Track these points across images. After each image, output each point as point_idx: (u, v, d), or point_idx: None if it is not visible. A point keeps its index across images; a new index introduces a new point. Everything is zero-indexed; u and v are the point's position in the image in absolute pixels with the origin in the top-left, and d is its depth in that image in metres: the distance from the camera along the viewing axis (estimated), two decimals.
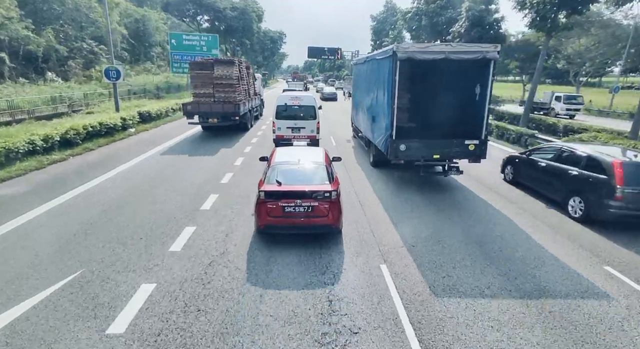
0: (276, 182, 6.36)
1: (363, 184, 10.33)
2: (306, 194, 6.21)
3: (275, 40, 75.05)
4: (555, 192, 8.90)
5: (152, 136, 16.83)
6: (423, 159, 9.51)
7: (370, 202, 8.78)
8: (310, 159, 7.16)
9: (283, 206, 6.20)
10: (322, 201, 6.22)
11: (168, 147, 14.63)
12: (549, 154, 9.41)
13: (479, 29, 21.54)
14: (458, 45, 9.25)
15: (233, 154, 13.85)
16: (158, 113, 20.45)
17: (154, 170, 11.35)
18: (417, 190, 9.80)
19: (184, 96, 31.01)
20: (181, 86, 42.92)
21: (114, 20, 53.77)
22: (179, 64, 39.07)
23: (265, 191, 6.26)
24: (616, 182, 7.20)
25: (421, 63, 8.96)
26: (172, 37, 38.84)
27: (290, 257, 6.10)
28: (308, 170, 6.87)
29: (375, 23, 53.78)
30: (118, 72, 18.32)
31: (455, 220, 7.83)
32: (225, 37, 47.95)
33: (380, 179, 10.79)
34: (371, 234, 7.08)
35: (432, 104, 11.02)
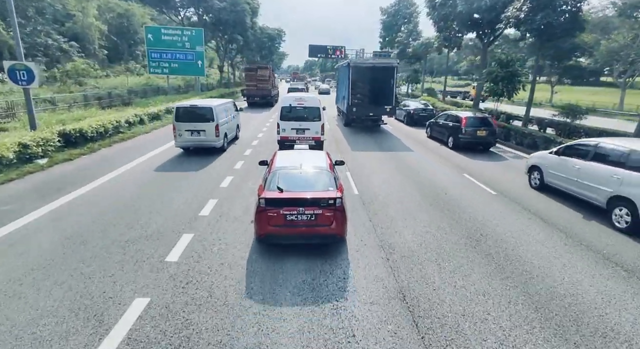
0: (277, 189, 6.00)
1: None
2: (309, 202, 5.84)
3: (273, 38, 69.10)
4: None
5: (72, 173, 10.83)
6: (364, 116, 20.23)
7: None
8: (312, 163, 6.82)
9: (285, 214, 5.82)
10: (326, 209, 5.84)
11: (76, 198, 8.63)
12: None
13: (549, 11, 15.50)
14: (380, 59, 26.01)
15: None
16: (99, 131, 14.41)
17: None
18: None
19: (159, 102, 25.01)
20: (161, 89, 36.88)
21: (91, 14, 48.07)
22: (157, 63, 33.10)
23: (266, 199, 5.86)
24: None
25: (363, 69, 19.73)
26: (149, 32, 32.85)
27: None
28: (311, 175, 6.52)
29: (385, 16, 47.79)
30: (30, 74, 12.38)
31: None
32: (214, 32, 41.86)
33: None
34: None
35: (368, 89, 19.88)
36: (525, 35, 18.77)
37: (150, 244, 6.36)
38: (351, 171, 11.46)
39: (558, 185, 9.59)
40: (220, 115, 13.42)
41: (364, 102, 19.79)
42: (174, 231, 6.90)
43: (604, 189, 8.02)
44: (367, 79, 19.67)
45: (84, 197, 8.63)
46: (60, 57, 37.48)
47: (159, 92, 35.94)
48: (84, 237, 6.56)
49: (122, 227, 7.03)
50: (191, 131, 12.76)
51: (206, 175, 10.68)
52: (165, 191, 9.19)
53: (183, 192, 9.12)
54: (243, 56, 66.11)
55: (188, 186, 9.58)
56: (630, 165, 7.54)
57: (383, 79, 19.45)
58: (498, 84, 20.13)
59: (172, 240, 6.52)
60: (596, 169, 8.32)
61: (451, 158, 14.04)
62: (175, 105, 13.43)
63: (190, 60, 33.45)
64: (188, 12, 42.04)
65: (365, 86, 19.76)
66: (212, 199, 8.62)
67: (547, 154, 10.23)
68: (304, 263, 5.86)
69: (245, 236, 6.72)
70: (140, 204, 8.19)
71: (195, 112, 12.87)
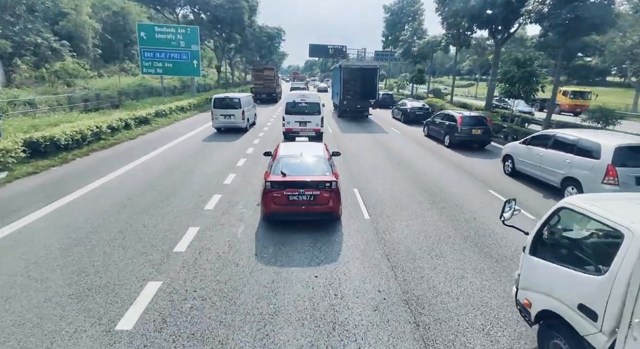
0: (281, 174, 6.92)
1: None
2: (308, 184, 6.77)
3: (273, 37, 67.59)
4: None
5: (34, 190, 9.28)
6: (354, 108, 24.39)
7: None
8: (312, 153, 7.82)
9: (287, 194, 6.73)
10: (323, 191, 6.79)
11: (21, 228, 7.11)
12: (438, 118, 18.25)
13: (577, 4, 13.90)
14: (366, 62, 44.80)
15: None
16: (75, 138, 12.87)
17: None
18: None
19: (150, 104, 23.49)
20: (155, 90, 35.30)
21: (85, 12, 46.53)
22: (150, 63, 31.52)
23: (271, 181, 6.79)
24: None
25: (352, 70, 24.30)
26: (141, 30, 31.24)
27: None
28: (310, 162, 7.48)
29: (388, 15, 46.14)
30: None
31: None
32: (211, 30, 40.28)
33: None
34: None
35: (356, 86, 24.10)
36: (547, 31, 17.11)
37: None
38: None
39: (526, 171, 10.87)
40: (244, 104, 18.32)
41: (353, 97, 24.23)
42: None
43: (558, 172, 9.41)
44: (355, 78, 24.17)
45: (41, 223, 7.08)
46: (49, 56, 35.91)
47: (153, 94, 34.34)
48: None
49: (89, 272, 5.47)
50: (224, 115, 17.75)
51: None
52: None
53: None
54: (242, 56, 64.52)
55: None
56: (578, 151, 8.98)
57: (368, 78, 24.08)
58: (514, 85, 18.56)
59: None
60: (554, 155, 9.64)
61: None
62: (213, 96, 18.56)
63: (185, 60, 31.89)
64: (184, 10, 40.39)
65: (354, 84, 24.14)
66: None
67: (518, 144, 11.47)
68: None
69: None
70: (125, 224, 6.66)
71: (227, 101, 17.86)
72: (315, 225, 7.23)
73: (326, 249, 6.39)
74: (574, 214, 3.56)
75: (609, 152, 8.03)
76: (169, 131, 18.62)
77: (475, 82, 78.14)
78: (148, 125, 19.03)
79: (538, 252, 3.87)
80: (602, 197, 3.79)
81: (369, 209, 8.34)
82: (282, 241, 6.65)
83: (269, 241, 6.61)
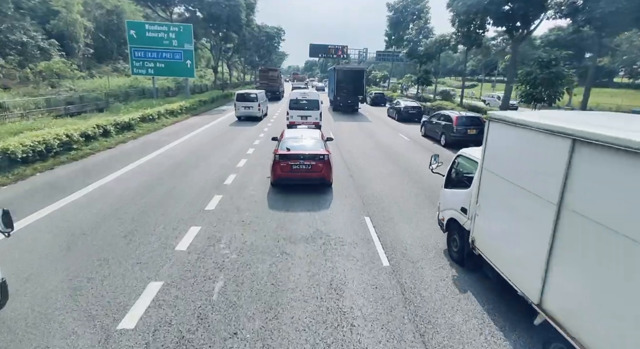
0: (286, 149, 9.20)
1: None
2: (307, 156, 9.04)
3: (272, 37, 65.70)
4: None
5: None
6: (345, 103, 29.36)
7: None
8: (310, 135, 10.34)
9: (291, 164, 8.98)
10: (318, 161, 9.06)
11: None
12: None
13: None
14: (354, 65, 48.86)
15: None
16: (37, 150, 11.04)
17: None
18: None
19: (140, 107, 21.67)
20: (147, 91, 33.48)
21: (75, 10, 44.68)
22: (141, 63, 29.74)
23: (279, 154, 9.09)
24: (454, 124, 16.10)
25: (344, 71, 30.42)
26: (131, 27, 29.52)
27: None
28: (308, 141, 9.83)
29: (392, 13, 44.25)
30: None
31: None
32: (206, 29, 38.43)
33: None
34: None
35: (348, 85, 29.15)
36: (579, 27, 15.29)
37: None
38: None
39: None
40: (260, 99, 24.05)
41: (344, 94, 29.38)
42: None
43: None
44: (346, 78, 29.51)
45: None
46: (36, 55, 34.07)
47: (144, 95, 32.52)
48: None
49: None
50: (245, 106, 23.20)
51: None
52: None
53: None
54: (240, 56, 62.67)
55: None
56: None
57: (357, 78, 29.84)
58: (537, 88, 16.74)
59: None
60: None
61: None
62: (236, 92, 25.58)
63: (178, 60, 30.08)
64: (179, 8, 38.54)
65: (345, 83, 29.45)
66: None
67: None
68: None
69: None
70: None
71: (247, 96, 23.65)
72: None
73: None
74: (464, 158, 6.24)
75: None
76: (153, 139, 16.74)
77: (480, 83, 76.35)
78: (132, 131, 17.19)
79: (447, 185, 6.51)
80: (476, 149, 5.90)
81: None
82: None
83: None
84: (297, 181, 9.20)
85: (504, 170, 4.66)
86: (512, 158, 4.57)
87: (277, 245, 6.56)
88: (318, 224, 7.54)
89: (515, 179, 4.39)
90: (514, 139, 4.47)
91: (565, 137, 3.56)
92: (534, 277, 3.95)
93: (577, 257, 3.48)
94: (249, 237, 6.83)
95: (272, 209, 8.28)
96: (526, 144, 4.22)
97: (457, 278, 5.69)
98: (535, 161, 4.08)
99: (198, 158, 13.08)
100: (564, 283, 3.63)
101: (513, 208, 4.46)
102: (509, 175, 4.53)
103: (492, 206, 5.01)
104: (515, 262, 4.44)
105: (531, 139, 4.09)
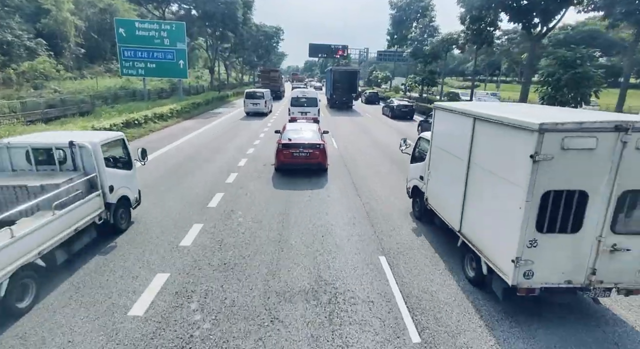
0: (288, 139, 10.63)
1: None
2: (306, 145, 10.56)
3: (270, 36, 64.07)
4: None
5: None
6: (340, 100, 32.82)
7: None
8: (309, 128, 11.92)
9: (292, 152, 10.49)
10: (315, 150, 10.58)
11: None
12: None
13: None
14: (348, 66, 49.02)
15: None
16: None
17: None
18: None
19: (125, 110, 20.03)
20: (138, 93, 31.81)
21: (65, 8, 43.01)
22: (131, 63, 28.04)
23: (282, 143, 10.58)
24: None
25: (339, 72, 33.39)
26: (120, 25, 27.80)
27: None
28: (307, 133, 11.33)
29: (395, 11, 42.61)
30: None
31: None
32: (201, 27, 36.76)
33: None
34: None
35: (343, 84, 32.28)
36: (617, 21, 13.67)
37: None
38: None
39: None
40: (266, 96, 27.37)
41: (340, 92, 32.45)
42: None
43: None
44: (342, 78, 32.44)
45: None
46: (22, 55, 32.41)
47: (135, 97, 30.86)
48: None
49: None
50: (253, 103, 26.24)
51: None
52: None
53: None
54: (238, 56, 61.00)
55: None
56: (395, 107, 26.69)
57: (351, 78, 32.75)
58: (561, 90, 15.12)
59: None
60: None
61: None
62: (245, 90, 29.18)
63: (170, 60, 28.42)
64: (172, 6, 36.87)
65: (340, 82, 32.39)
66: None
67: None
68: None
69: None
70: None
71: (254, 94, 26.95)
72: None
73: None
74: (423, 139, 8.10)
75: None
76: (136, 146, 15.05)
77: (482, 84, 74.80)
78: None
79: (412, 161, 8.52)
80: None
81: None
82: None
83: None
84: (298, 166, 10.78)
85: (443, 143, 6.58)
86: (447, 134, 6.50)
87: None
88: None
89: (449, 149, 6.26)
90: (448, 121, 6.45)
91: (470, 117, 5.42)
92: (457, 213, 5.82)
93: (477, 193, 5.33)
94: None
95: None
96: (453, 123, 6.11)
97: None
98: (458, 133, 5.83)
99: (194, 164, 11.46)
100: (471, 212, 5.50)
101: (448, 170, 6.33)
102: (446, 146, 6.42)
103: (437, 171, 6.92)
104: (448, 206, 6.33)
105: (456, 119, 5.94)
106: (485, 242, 5.06)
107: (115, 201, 6.53)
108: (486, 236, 5.05)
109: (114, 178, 6.55)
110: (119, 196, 6.69)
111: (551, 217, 4.19)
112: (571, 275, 4.38)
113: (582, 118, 4.19)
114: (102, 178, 6.25)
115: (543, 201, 4.13)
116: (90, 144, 6.09)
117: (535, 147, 3.97)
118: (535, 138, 3.96)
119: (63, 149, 6.06)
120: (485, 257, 4.98)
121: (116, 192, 6.59)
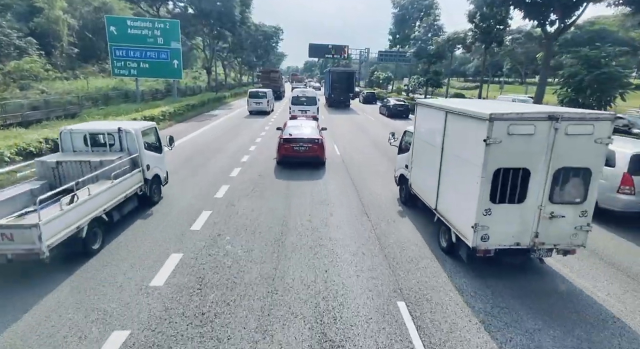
0: (289, 134, 11.61)
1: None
2: (305, 140, 11.49)
3: (269, 36, 62.80)
4: None
5: None
6: (338, 100, 34.57)
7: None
8: (308, 124, 12.91)
9: (293, 146, 11.38)
10: (314, 144, 11.51)
11: None
12: None
13: None
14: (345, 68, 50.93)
15: None
16: None
17: None
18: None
19: (111, 113, 18.77)
20: (131, 93, 30.55)
21: (58, 6, 41.74)
22: (123, 63, 26.77)
23: (283, 138, 11.52)
24: None
25: (337, 72, 35.52)
26: (111, 23, 26.53)
27: None
28: (307, 129, 12.27)
29: (397, 10, 41.43)
30: None
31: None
32: (197, 26, 35.49)
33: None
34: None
35: (341, 84, 34.38)
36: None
37: None
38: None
39: None
40: (269, 96, 28.92)
41: (337, 92, 34.01)
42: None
43: None
44: (339, 79, 34.16)
45: None
46: (11, 54, 31.13)
47: (128, 99, 29.60)
48: None
49: None
50: (256, 102, 27.63)
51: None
52: None
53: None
54: (237, 56, 59.70)
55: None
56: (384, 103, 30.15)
57: (349, 78, 34.88)
58: (584, 91, 13.90)
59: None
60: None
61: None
62: (249, 90, 31.19)
63: (164, 60, 27.19)
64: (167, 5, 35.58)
65: (338, 82, 33.97)
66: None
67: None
68: None
69: None
70: None
71: (257, 94, 28.36)
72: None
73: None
74: (408, 133, 8.88)
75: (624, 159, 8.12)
76: None
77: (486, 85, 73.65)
78: None
79: (399, 152, 9.47)
80: None
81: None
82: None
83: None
84: (298, 159, 11.60)
85: (424, 135, 7.70)
86: (426, 127, 7.64)
87: None
88: None
89: (427, 139, 7.41)
90: (427, 115, 7.56)
91: (442, 111, 6.59)
92: (433, 194, 6.96)
93: (448, 175, 6.40)
94: None
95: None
96: (431, 116, 7.27)
97: None
98: (434, 125, 6.97)
99: None
100: (444, 191, 6.60)
101: (427, 158, 7.38)
102: (426, 137, 7.55)
103: (419, 159, 7.96)
104: (427, 189, 7.42)
105: (433, 113, 7.12)
106: (453, 215, 6.12)
107: (150, 177, 8.09)
108: (454, 209, 6.13)
109: (149, 159, 8.12)
110: (153, 174, 8.26)
111: (502, 190, 5.09)
112: (519, 238, 5.34)
113: (524, 110, 5.17)
114: (142, 158, 7.82)
115: (495, 177, 5.01)
116: (134, 130, 7.71)
117: (487, 133, 4.85)
118: (487, 126, 4.86)
119: (112, 134, 7.62)
120: (453, 227, 6.01)
121: (151, 171, 8.18)
